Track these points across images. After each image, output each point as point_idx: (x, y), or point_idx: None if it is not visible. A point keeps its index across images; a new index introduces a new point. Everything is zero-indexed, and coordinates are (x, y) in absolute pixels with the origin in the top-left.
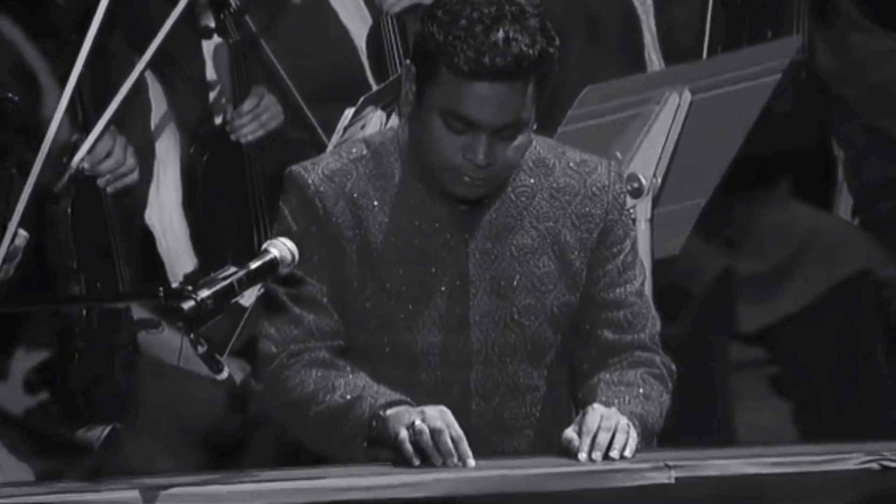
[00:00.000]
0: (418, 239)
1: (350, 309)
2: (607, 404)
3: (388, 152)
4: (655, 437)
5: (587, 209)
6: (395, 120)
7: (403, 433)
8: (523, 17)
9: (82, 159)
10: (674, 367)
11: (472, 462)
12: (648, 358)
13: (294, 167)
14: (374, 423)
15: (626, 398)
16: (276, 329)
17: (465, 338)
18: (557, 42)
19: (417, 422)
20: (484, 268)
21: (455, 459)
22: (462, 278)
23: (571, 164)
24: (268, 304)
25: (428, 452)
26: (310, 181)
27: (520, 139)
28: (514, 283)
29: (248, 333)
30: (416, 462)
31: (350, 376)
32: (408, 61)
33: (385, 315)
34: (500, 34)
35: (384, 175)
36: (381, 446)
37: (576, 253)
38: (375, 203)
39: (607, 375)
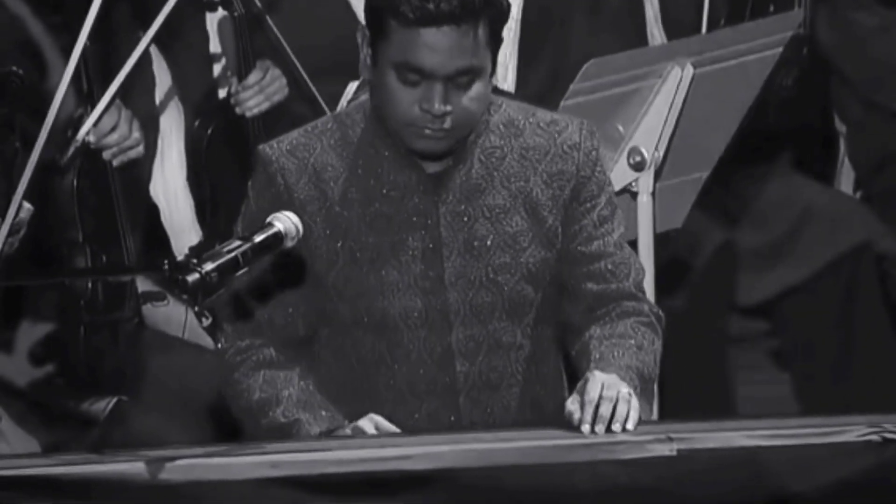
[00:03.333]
0: (387, 206)
1: (325, 282)
2: (602, 359)
3: (354, 122)
4: (655, 386)
5: (558, 167)
6: None
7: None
8: None
9: (88, 132)
10: (661, 312)
11: None
12: (636, 307)
13: (261, 145)
14: None
15: (620, 351)
16: (228, 322)
17: (443, 300)
18: None
19: (351, 427)
20: (456, 229)
21: None
22: (434, 241)
23: (541, 124)
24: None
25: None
26: (273, 157)
27: (476, 88)
28: (488, 242)
29: None
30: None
31: (293, 388)
32: (361, 24)
33: (360, 284)
34: None
35: (349, 144)
36: None
37: (548, 210)
38: (341, 173)
39: (598, 330)
